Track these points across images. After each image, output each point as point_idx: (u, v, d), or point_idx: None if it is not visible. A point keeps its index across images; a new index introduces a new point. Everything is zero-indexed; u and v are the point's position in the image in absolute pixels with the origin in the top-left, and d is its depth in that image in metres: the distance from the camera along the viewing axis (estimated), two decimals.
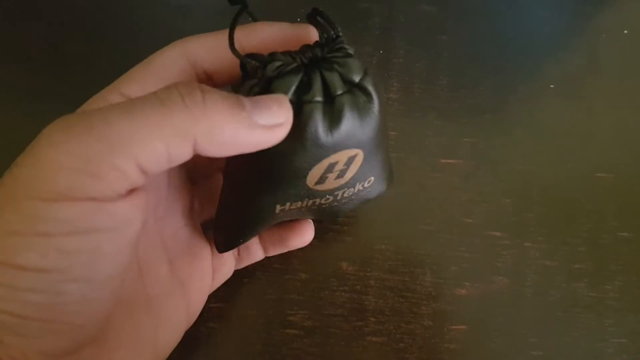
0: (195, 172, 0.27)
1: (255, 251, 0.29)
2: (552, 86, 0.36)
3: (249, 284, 0.30)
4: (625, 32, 0.37)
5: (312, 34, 0.23)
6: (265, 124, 0.18)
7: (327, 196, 0.24)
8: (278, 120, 0.18)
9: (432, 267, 0.31)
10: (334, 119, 0.20)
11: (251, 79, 0.21)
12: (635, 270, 0.31)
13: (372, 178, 0.25)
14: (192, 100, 0.16)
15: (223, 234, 0.26)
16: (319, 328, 0.30)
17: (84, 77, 0.35)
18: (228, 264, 0.28)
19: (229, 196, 0.25)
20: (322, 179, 0.22)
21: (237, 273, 0.29)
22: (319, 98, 0.20)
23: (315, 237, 0.31)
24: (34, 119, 0.35)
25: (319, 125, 0.20)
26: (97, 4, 0.37)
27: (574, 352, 0.30)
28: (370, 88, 0.21)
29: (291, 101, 0.19)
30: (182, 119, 0.16)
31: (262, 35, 0.22)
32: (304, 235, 0.28)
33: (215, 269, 0.27)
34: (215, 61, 0.22)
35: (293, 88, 0.20)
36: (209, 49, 0.22)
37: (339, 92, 0.20)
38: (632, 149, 0.34)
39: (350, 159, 0.22)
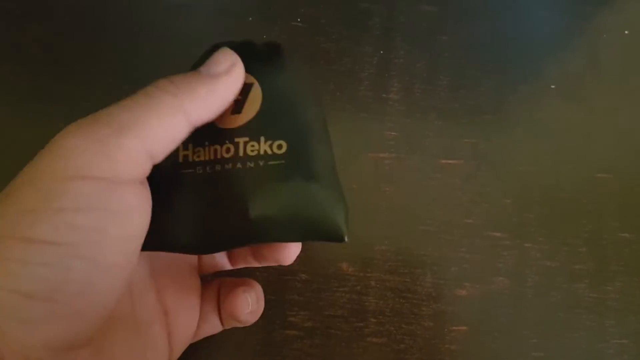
0: None
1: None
2: (552, 86, 0.35)
3: None
4: (626, 32, 0.37)
5: None
6: (219, 71, 0.21)
7: (228, 143, 0.21)
8: (226, 63, 0.21)
9: (433, 268, 0.31)
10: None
11: None
12: (636, 270, 0.31)
13: (285, 147, 0.21)
14: (166, 85, 0.20)
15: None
16: (319, 329, 0.30)
17: (84, 77, 0.35)
18: (214, 323, 0.27)
19: None
20: None
21: (237, 273, 0.29)
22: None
23: None
24: (34, 119, 0.35)
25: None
26: (97, 4, 0.37)
27: (574, 353, 0.30)
28: (282, 55, 0.23)
29: None
30: (167, 99, 0.19)
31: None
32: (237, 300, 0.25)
33: (204, 316, 0.26)
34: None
35: None
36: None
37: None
38: (633, 149, 0.34)
39: (245, 86, 0.22)
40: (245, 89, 0.22)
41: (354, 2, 0.37)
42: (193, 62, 0.34)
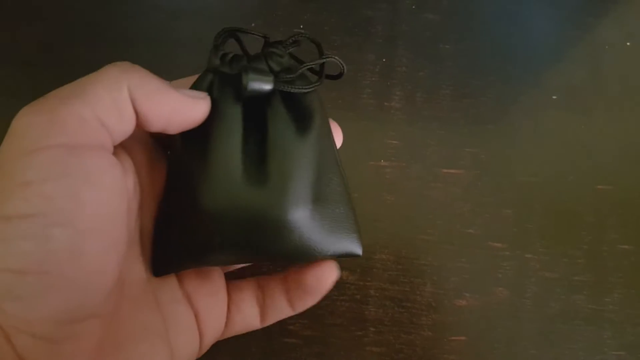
0: None
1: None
2: (554, 97, 0.36)
3: None
4: (628, 44, 0.37)
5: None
6: (187, 94, 0.21)
7: None
8: (199, 94, 0.22)
9: (433, 278, 0.31)
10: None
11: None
12: (635, 282, 0.32)
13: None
14: (122, 63, 0.20)
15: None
16: (318, 337, 0.30)
17: None
18: (249, 314, 0.26)
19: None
20: None
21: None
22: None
23: None
24: None
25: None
26: (97, 7, 0.37)
27: None
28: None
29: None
30: (114, 71, 0.19)
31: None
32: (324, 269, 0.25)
33: (236, 305, 0.25)
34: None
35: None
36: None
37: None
38: (633, 161, 0.34)
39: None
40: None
41: (357, 10, 0.37)
42: (194, 67, 0.34)
